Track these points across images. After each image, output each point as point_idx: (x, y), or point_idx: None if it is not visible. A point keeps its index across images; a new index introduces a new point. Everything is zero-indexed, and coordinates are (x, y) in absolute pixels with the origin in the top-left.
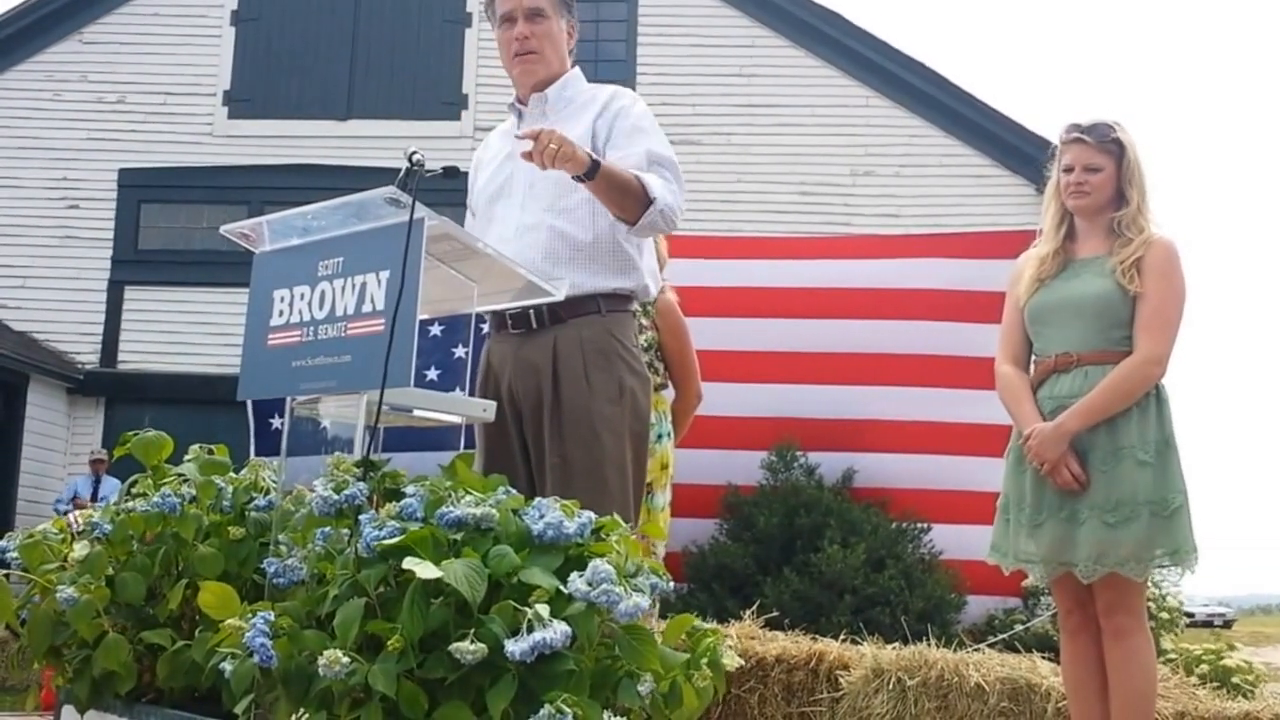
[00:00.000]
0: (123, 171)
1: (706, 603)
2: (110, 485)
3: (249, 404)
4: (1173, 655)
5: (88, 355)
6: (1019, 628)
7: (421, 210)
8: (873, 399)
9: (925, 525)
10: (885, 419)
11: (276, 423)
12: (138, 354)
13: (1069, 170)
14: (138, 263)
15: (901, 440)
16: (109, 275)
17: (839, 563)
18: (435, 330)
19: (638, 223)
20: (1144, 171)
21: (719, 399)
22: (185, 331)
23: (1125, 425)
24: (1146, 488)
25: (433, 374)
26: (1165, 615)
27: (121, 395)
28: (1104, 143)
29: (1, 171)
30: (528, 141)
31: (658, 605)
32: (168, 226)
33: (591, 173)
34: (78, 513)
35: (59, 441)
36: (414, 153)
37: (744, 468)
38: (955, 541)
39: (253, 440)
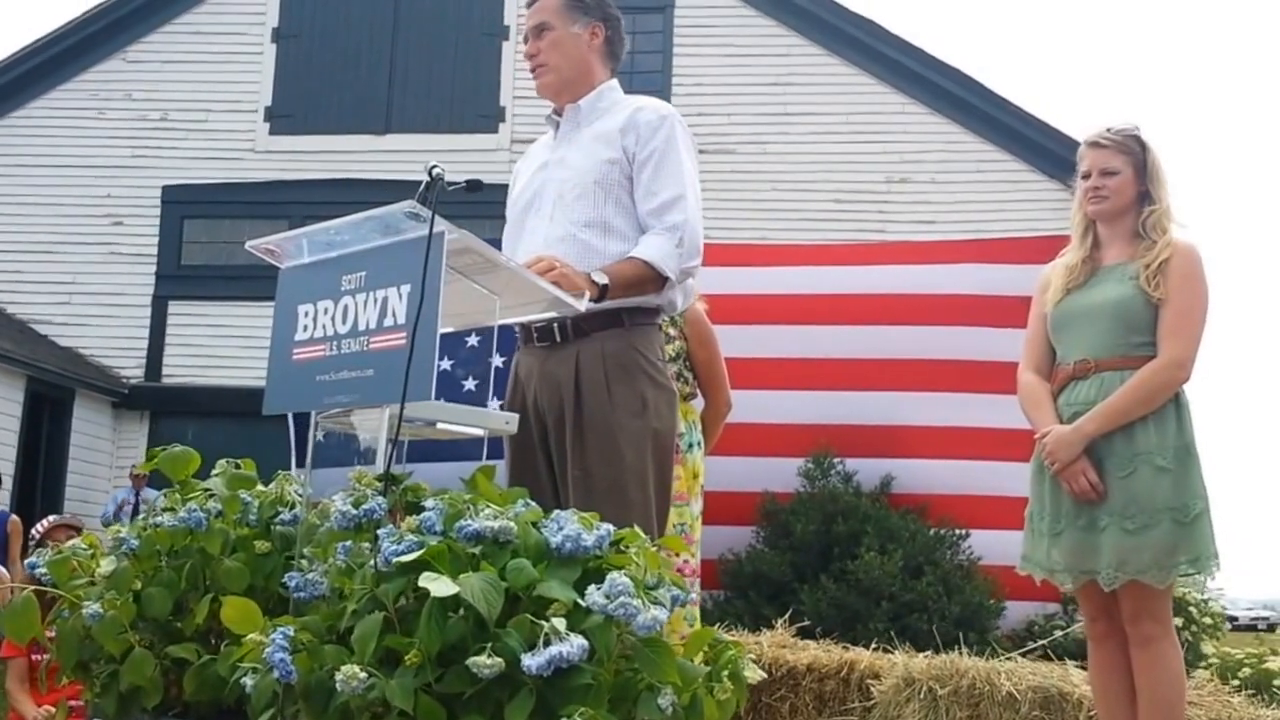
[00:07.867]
0: (166, 188)
1: (743, 610)
2: (151, 498)
3: (290, 417)
4: (1214, 660)
5: (132, 370)
6: (1058, 634)
7: (441, 224)
8: (909, 405)
9: (963, 531)
10: (922, 425)
11: None
12: (181, 368)
13: (1086, 176)
14: (181, 278)
15: (939, 446)
16: (153, 290)
17: (876, 569)
18: (472, 341)
19: (663, 293)
20: (1164, 174)
21: (756, 406)
22: (228, 345)
23: (1143, 431)
24: (1166, 494)
25: (470, 384)
26: (1208, 620)
27: (166, 409)
28: (1120, 145)
29: (47, 189)
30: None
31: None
32: (210, 242)
33: (602, 295)
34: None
35: (104, 455)
36: (434, 166)
37: (781, 475)
38: (994, 547)
39: (293, 453)
